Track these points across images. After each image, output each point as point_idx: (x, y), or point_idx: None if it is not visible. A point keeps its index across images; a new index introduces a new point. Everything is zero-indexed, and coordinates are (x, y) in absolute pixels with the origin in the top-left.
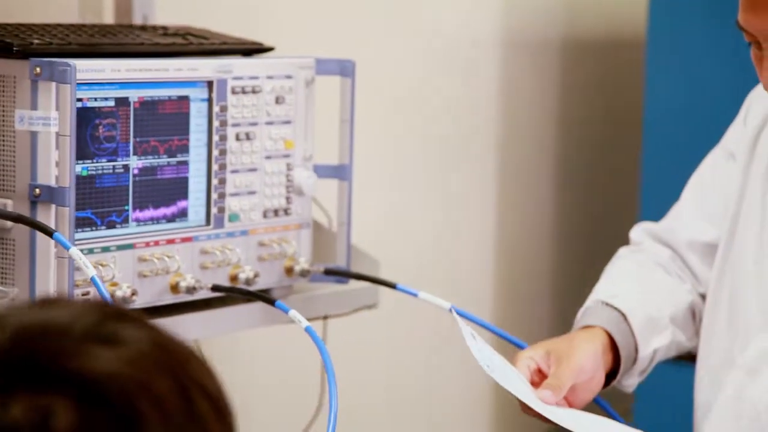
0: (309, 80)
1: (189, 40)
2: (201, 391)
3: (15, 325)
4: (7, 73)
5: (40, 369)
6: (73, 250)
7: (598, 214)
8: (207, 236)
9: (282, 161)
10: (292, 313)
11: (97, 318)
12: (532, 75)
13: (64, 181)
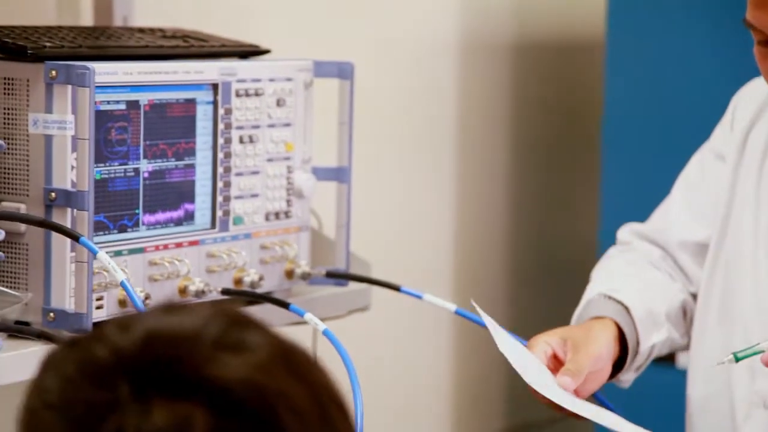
0: (308, 83)
1: (189, 42)
2: (328, 394)
3: (144, 331)
4: (19, 77)
5: (174, 376)
6: (101, 254)
7: (555, 213)
8: (213, 239)
9: (283, 164)
10: (308, 316)
11: (224, 325)
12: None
13: (83, 185)
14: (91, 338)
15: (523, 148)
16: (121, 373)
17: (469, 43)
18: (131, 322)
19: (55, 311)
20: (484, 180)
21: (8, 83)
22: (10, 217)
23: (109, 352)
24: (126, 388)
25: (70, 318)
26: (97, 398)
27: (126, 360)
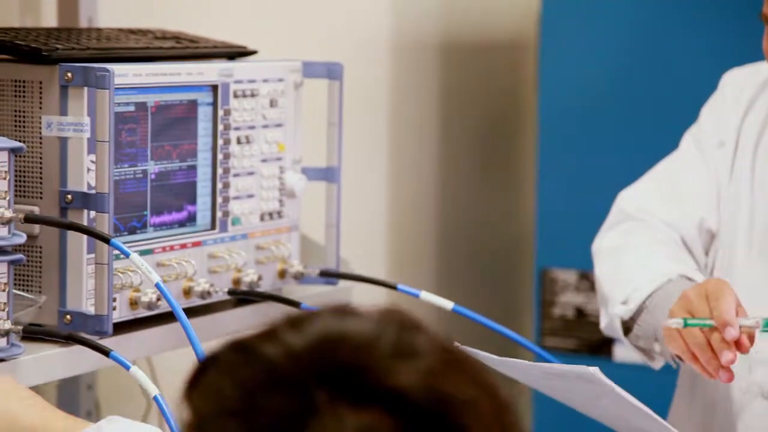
0: (298, 83)
1: (183, 43)
2: (498, 395)
3: (319, 333)
4: (31, 79)
5: (359, 383)
6: (134, 256)
7: (485, 211)
8: (213, 240)
9: (275, 164)
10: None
11: (398, 330)
12: (416, 76)
13: (103, 187)
14: (261, 339)
15: (452, 144)
16: (312, 379)
17: (399, 42)
18: (303, 323)
19: (71, 313)
20: (414, 176)
21: (19, 85)
22: (37, 220)
23: (287, 355)
24: (323, 394)
25: (90, 320)
26: (290, 405)
27: (310, 365)
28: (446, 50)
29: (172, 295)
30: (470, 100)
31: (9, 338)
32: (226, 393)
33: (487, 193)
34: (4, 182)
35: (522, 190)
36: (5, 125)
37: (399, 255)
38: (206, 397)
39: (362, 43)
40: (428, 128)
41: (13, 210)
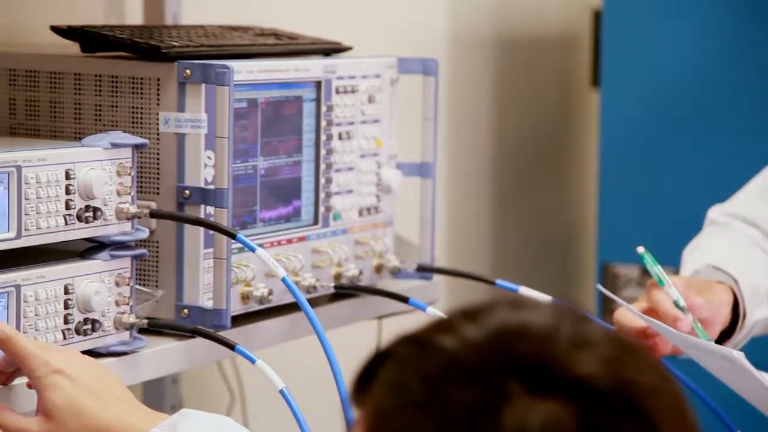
0: (393, 79)
1: (283, 40)
2: (675, 382)
3: (494, 325)
4: (149, 76)
5: (542, 373)
6: (260, 251)
7: (542, 201)
8: (317, 235)
9: (373, 160)
10: (430, 309)
11: (572, 320)
12: (471, 72)
13: (222, 183)
14: (437, 332)
15: (508, 138)
16: (495, 370)
17: (455, 38)
18: (479, 315)
19: (189, 307)
20: (471, 171)
21: (137, 82)
22: (162, 216)
23: (467, 347)
24: (515, 384)
25: (208, 314)
26: (478, 395)
27: (491, 356)
28: (501, 46)
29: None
30: (525, 95)
31: (132, 332)
32: (408, 385)
33: (543, 187)
34: (128, 178)
35: (582, 184)
36: (122, 122)
37: (456, 251)
38: (386, 390)
39: (419, 39)
40: (484, 122)
41: (137, 206)
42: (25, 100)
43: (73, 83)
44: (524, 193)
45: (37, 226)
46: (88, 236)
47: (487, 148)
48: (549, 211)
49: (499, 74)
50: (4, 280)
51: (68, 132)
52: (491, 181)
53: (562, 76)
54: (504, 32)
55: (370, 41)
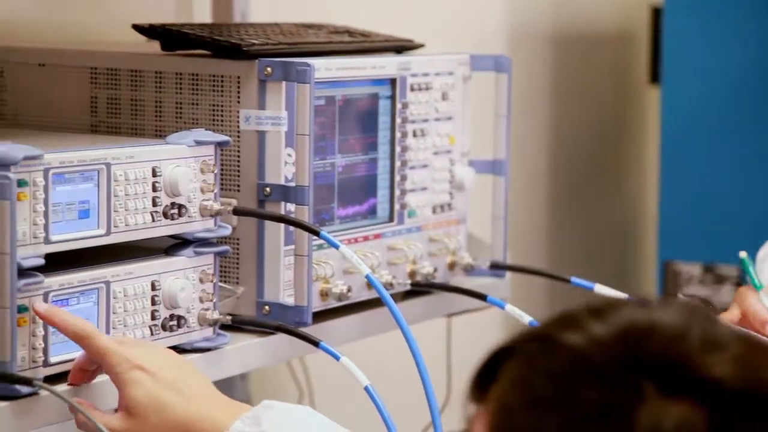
0: (466, 76)
1: (357, 37)
2: None
3: (622, 323)
4: (229, 74)
5: (667, 372)
6: (343, 248)
7: (601, 198)
8: (392, 233)
9: (446, 157)
10: (509, 307)
11: (701, 321)
12: (529, 67)
13: (303, 180)
14: (561, 329)
15: (565, 134)
16: (624, 369)
17: (513, 33)
18: (606, 312)
19: (270, 304)
20: (528, 166)
21: (217, 80)
22: (245, 213)
23: (594, 345)
24: (649, 385)
25: (289, 311)
26: (611, 394)
27: (619, 355)
28: (558, 42)
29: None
30: (581, 91)
31: (215, 328)
32: (534, 383)
33: (600, 184)
34: (211, 175)
35: (640, 180)
36: (203, 119)
37: (512, 248)
38: (511, 387)
39: (477, 35)
40: (541, 118)
41: (220, 203)
42: (107, 98)
43: (154, 81)
44: (580, 189)
45: (126, 223)
46: (173, 233)
47: (544, 144)
48: (605, 209)
49: (555, 70)
50: (94, 276)
51: (149, 130)
52: (547, 178)
53: (619, 72)
54: (561, 28)
55: (428, 38)
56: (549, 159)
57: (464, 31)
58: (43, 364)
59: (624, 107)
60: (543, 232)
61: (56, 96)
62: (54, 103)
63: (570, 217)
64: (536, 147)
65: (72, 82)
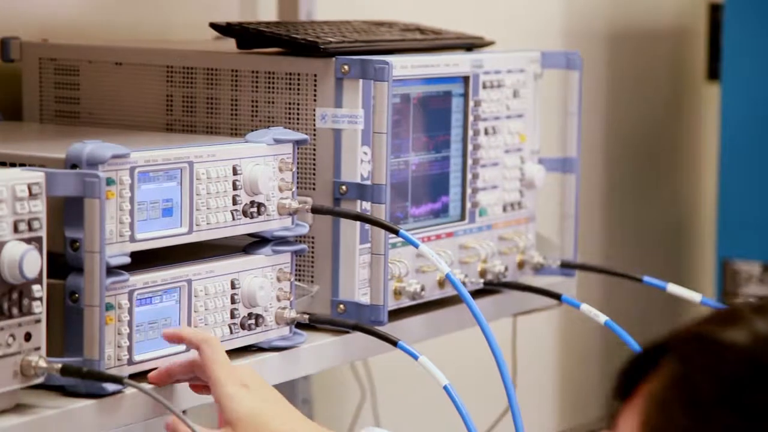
0: (537, 74)
1: (428, 35)
2: None
3: (761, 330)
4: (306, 72)
5: None
6: (422, 247)
7: (658, 195)
8: (463, 231)
9: (516, 155)
10: (584, 307)
11: None
12: (585, 63)
13: (380, 178)
14: (722, 328)
15: (620, 130)
16: None
17: (569, 28)
18: (744, 319)
19: (345, 303)
20: (583, 162)
21: (293, 78)
22: (323, 211)
23: (761, 343)
24: None
25: (365, 310)
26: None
27: None
28: (614, 38)
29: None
30: (637, 87)
31: (292, 327)
32: (697, 383)
33: (655, 181)
34: (289, 173)
35: (696, 177)
36: (278, 118)
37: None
38: (670, 386)
39: (534, 31)
40: (596, 115)
41: (298, 201)
42: (182, 97)
43: (230, 79)
44: (636, 187)
45: (207, 221)
46: (252, 231)
47: (599, 141)
48: (661, 206)
49: (611, 66)
50: (176, 274)
51: (224, 128)
52: (602, 175)
53: (675, 68)
54: (617, 24)
55: (484, 33)
56: (604, 156)
57: (520, 28)
58: (128, 362)
59: (680, 104)
60: (597, 230)
61: (131, 94)
62: (129, 101)
63: (625, 215)
64: (591, 144)
65: (148, 81)
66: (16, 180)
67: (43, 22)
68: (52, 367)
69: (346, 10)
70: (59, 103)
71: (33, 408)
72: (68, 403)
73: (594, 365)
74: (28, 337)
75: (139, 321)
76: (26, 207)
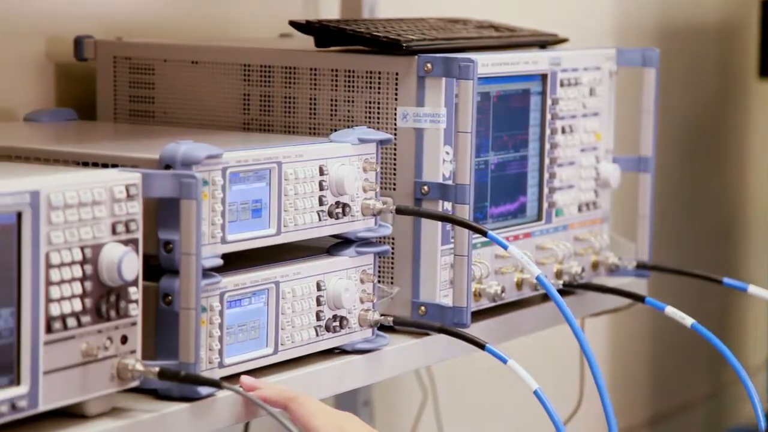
0: (613, 71)
1: (503, 32)
2: None
3: None
4: (387, 70)
5: None
6: (512, 248)
7: (708, 191)
8: (540, 231)
9: (592, 154)
10: (669, 309)
11: None
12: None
13: (464, 178)
14: None
15: (669, 125)
16: None
17: (621, 23)
18: None
19: (426, 305)
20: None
21: (374, 77)
22: (408, 212)
23: None
24: None
25: (447, 312)
26: None
27: None
28: (664, 34)
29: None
30: (687, 84)
31: (375, 329)
32: None
33: (705, 178)
34: (373, 174)
35: (746, 174)
36: (358, 117)
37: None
38: None
39: (584, 27)
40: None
41: (382, 202)
42: (260, 96)
43: (308, 78)
44: (685, 184)
45: (295, 222)
46: (337, 232)
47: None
48: (710, 203)
49: (661, 62)
50: (265, 276)
51: (302, 127)
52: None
53: (726, 65)
54: (667, 20)
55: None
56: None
57: (570, 25)
58: (219, 365)
59: (730, 101)
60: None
61: (208, 93)
62: (205, 100)
63: (675, 210)
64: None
65: (224, 80)
66: (114, 181)
67: (116, 21)
68: (149, 370)
69: (407, 6)
70: (133, 102)
71: (128, 411)
72: (162, 406)
73: (644, 366)
74: (125, 339)
75: (230, 323)
76: (124, 208)
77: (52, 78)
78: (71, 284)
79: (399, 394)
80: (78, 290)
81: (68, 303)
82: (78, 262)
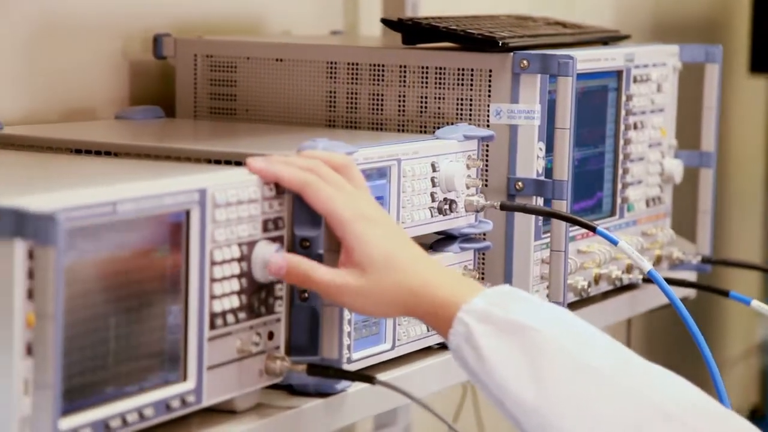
0: (677, 67)
1: (572, 29)
2: None
3: None
4: (480, 67)
5: None
6: (622, 244)
7: None
8: (614, 227)
9: (657, 150)
10: (755, 303)
11: None
12: None
13: (562, 174)
14: None
15: None
16: None
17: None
18: None
19: None
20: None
21: (465, 74)
22: (513, 208)
23: None
24: None
25: None
26: None
27: None
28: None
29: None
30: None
31: None
32: None
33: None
34: (475, 170)
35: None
36: (447, 113)
37: None
38: None
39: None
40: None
41: (485, 198)
42: (346, 93)
43: (397, 75)
44: None
45: (411, 218)
46: (444, 229)
47: None
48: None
49: None
50: None
51: (390, 124)
52: None
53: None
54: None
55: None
56: None
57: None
58: (347, 360)
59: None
60: None
61: (292, 90)
62: (289, 97)
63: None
64: None
65: (309, 77)
66: None
67: (192, 19)
68: (296, 366)
69: (449, 2)
70: (214, 100)
71: (271, 407)
72: (300, 402)
73: None
74: (271, 336)
75: (355, 319)
76: (273, 206)
77: (127, 76)
78: (230, 281)
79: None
80: (236, 287)
81: (228, 300)
82: (236, 260)
